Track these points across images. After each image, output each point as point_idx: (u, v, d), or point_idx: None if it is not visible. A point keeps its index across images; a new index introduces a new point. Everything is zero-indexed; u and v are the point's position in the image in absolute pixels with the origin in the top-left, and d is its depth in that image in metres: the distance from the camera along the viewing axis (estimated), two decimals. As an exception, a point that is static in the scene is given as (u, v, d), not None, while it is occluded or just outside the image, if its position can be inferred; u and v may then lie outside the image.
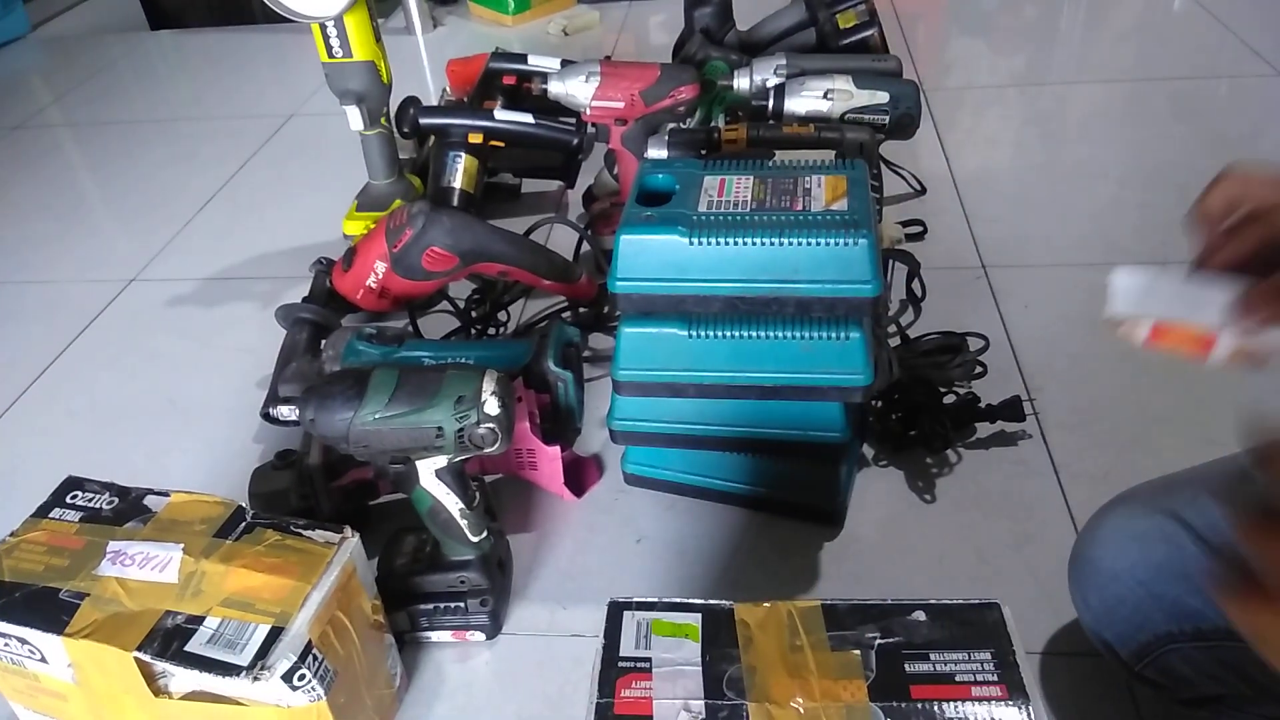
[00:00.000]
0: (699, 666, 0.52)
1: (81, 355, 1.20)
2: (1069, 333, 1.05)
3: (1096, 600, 0.63)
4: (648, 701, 0.51)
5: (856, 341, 0.73)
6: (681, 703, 0.51)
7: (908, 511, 0.87)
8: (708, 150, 1.04)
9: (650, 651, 0.53)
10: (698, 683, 0.52)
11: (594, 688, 0.52)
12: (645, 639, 0.54)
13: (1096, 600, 0.63)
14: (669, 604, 0.56)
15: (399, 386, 0.66)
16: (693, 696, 0.51)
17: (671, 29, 1.70)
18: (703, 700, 0.51)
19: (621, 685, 0.52)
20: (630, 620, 0.55)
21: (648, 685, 0.52)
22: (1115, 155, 1.40)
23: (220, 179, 1.58)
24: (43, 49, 2.37)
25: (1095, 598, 0.63)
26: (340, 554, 0.65)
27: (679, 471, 0.89)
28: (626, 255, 0.73)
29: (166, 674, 0.61)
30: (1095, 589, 0.63)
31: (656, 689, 0.52)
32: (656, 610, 0.56)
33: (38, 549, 0.66)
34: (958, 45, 1.91)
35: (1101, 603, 0.62)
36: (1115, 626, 0.62)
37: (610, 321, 1.07)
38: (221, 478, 0.95)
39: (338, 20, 1.17)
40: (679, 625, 0.55)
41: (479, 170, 1.26)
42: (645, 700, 0.51)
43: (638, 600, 0.56)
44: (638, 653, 0.53)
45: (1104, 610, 0.62)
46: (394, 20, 2.14)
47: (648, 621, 0.55)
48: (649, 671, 0.52)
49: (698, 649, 0.53)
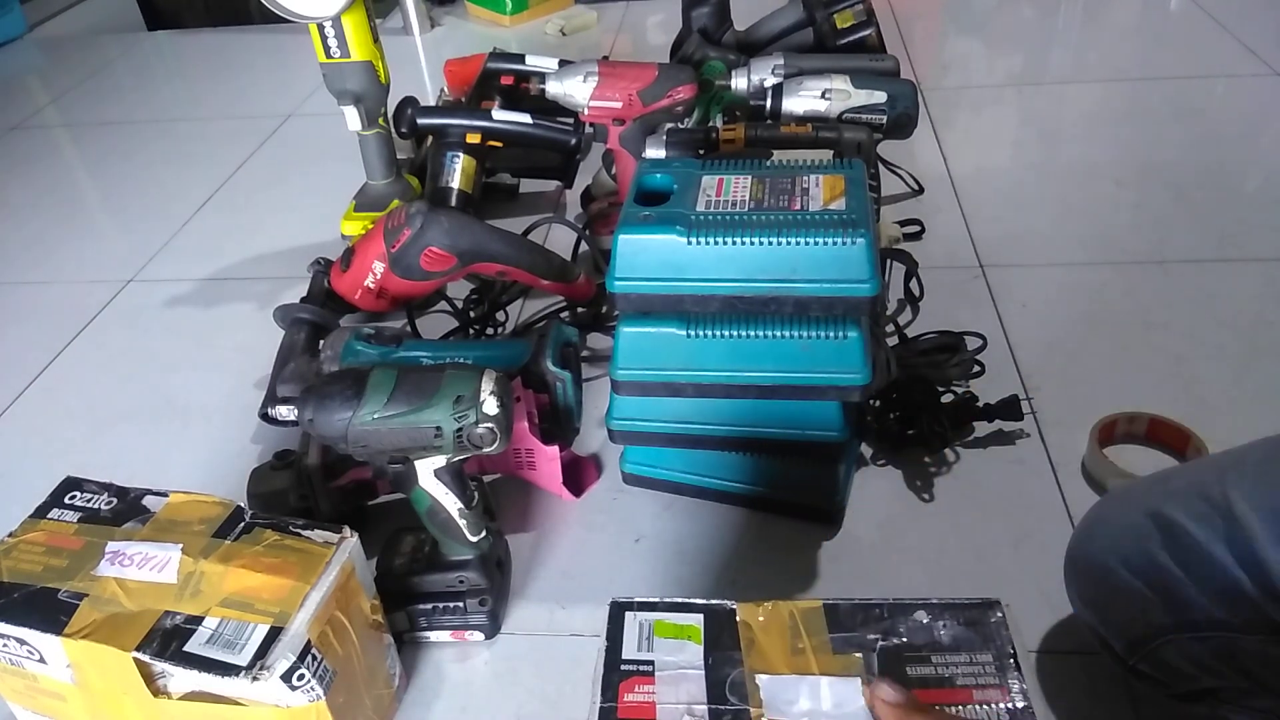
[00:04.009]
0: (702, 670, 0.52)
1: (79, 356, 1.20)
2: (1067, 332, 1.05)
3: (1092, 593, 0.63)
4: (651, 706, 0.51)
5: (854, 341, 0.73)
6: (685, 707, 0.51)
7: (906, 511, 0.87)
8: (706, 150, 1.04)
9: (653, 654, 0.53)
10: (700, 687, 0.51)
11: (596, 690, 0.52)
12: (647, 641, 0.54)
13: (1092, 593, 0.63)
14: (671, 604, 0.56)
15: (397, 386, 0.66)
16: (696, 701, 0.51)
17: (669, 29, 1.71)
18: (706, 706, 0.51)
19: (624, 689, 0.52)
20: (632, 621, 0.55)
21: (651, 689, 0.52)
22: (1113, 154, 1.40)
23: (218, 179, 1.58)
24: (40, 49, 2.37)
25: (1090, 591, 0.63)
26: (339, 554, 0.65)
27: (677, 471, 0.89)
28: (625, 255, 0.73)
29: (165, 674, 0.61)
30: (1090, 582, 0.63)
31: (659, 693, 0.51)
32: (658, 611, 0.56)
33: (36, 549, 0.66)
34: (955, 45, 1.91)
35: (1096, 596, 0.63)
36: (1110, 620, 0.62)
37: (608, 321, 1.07)
38: (220, 478, 0.95)
39: (335, 20, 1.17)
40: (681, 627, 0.55)
41: (477, 170, 1.26)
42: (649, 705, 0.51)
43: (639, 600, 0.56)
44: (640, 655, 0.53)
45: (1099, 605, 0.63)
46: (392, 20, 2.14)
47: (650, 623, 0.55)
48: (651, 675, 0.52)
49: (700, 651, 0.53)
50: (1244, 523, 0.54)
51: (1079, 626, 0.67)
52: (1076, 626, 0.68)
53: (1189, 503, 0.57)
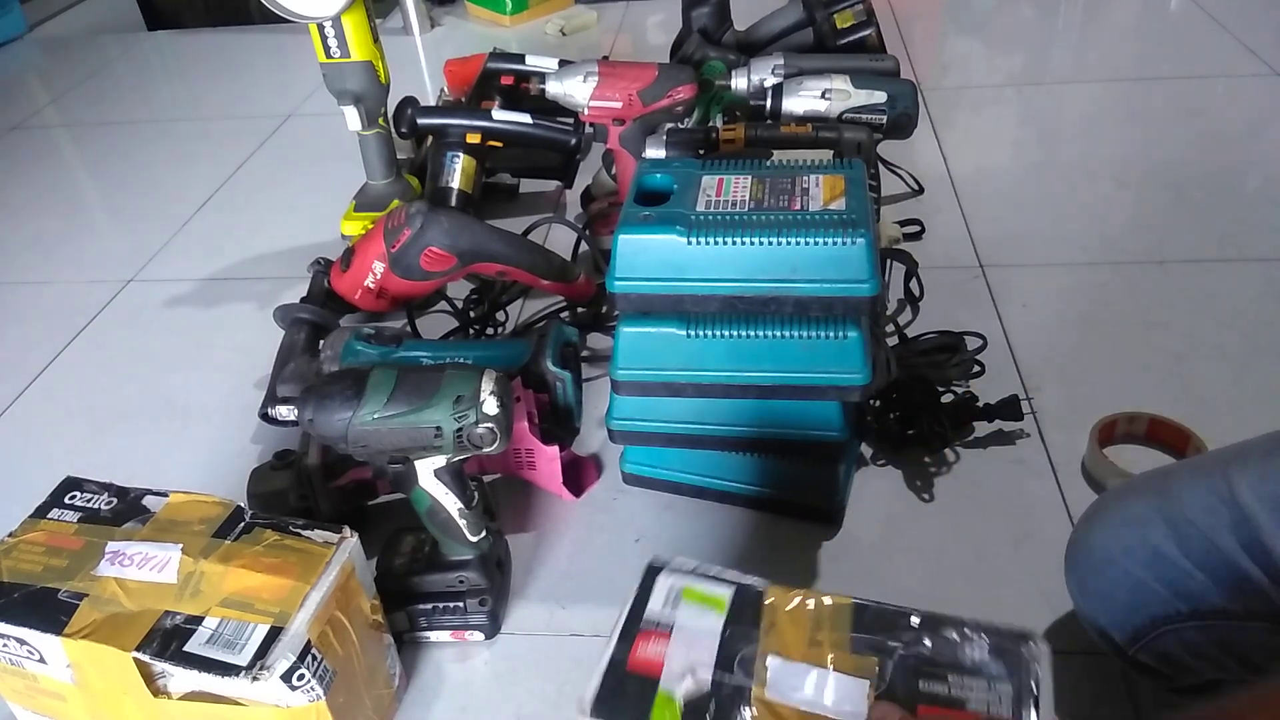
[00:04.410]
0: (717, 639, 0.53)
1: (79, 356, 1.20)
2: (1067, 331, 1.05)
3: (1093, 584, 0.63)
4: (659, 662, 0.52)
5: (854, 341, 0.73)
6: (690, 669, 0.51)
7: (906, 510, 0.87)
8: (706, 150, 1.04)
9: (675, 615, 0.54)
10: (711, 655, 0.52)
11: (612, 639, 0.53)
12: (674, 602, 0.55)
13: (1093, 584, 0.63)
14: (706, 573, 0.57)
15: (397, 386, 0.66)
16: (702, 665, 0.51)
17: (669, 29, 1.70)
18: (711, 671, 0.51)
19: (640, 641, 0.53)
20: (664, 582, 0.56)
21: (664, 647, 0.53)
22: (1112, 154, 1.40)
23: (218, 179, 1.58)
24: (40, 49, 2.37)
25: (1091, 582, 0.63)
26: (339, 554, 0.65)
27: (677, 471, 0.89)
28: (625, 255, 0.74)
29: (165, 674, 0.61)
30: (1092, 573, 0.63)
31: (671, 652, 0.52)
32: (692, 576, 0.56)
33: (36, 549, 0.66)
34: (955, 45, 1.91)
35: (1097, 587, 0.63)
36: (1111, 610, 0.62)
37: (608, 321, 1.07)
38: (220, 478, 0.95)
39: (335, 20, 1.17)
40: (709, 596, 0.55)
41: (477, 170, 1.26)
42: (657, 661, 0.52)
43: (676, 564, 0.57)
44: (662, 614, 0.54)
45: (1100, 594, 0.63)
46: (392, 20, 2.14)
47: (680, 587, 0.56)
48: (669, 634, 0.53)
49: (721, 622, 0.54)
50: (1250, 512, 0.54)
51: (1079, 626, 0.67)
52: (1077, 626, 0.68)
53: (1195, 493, 0.58)
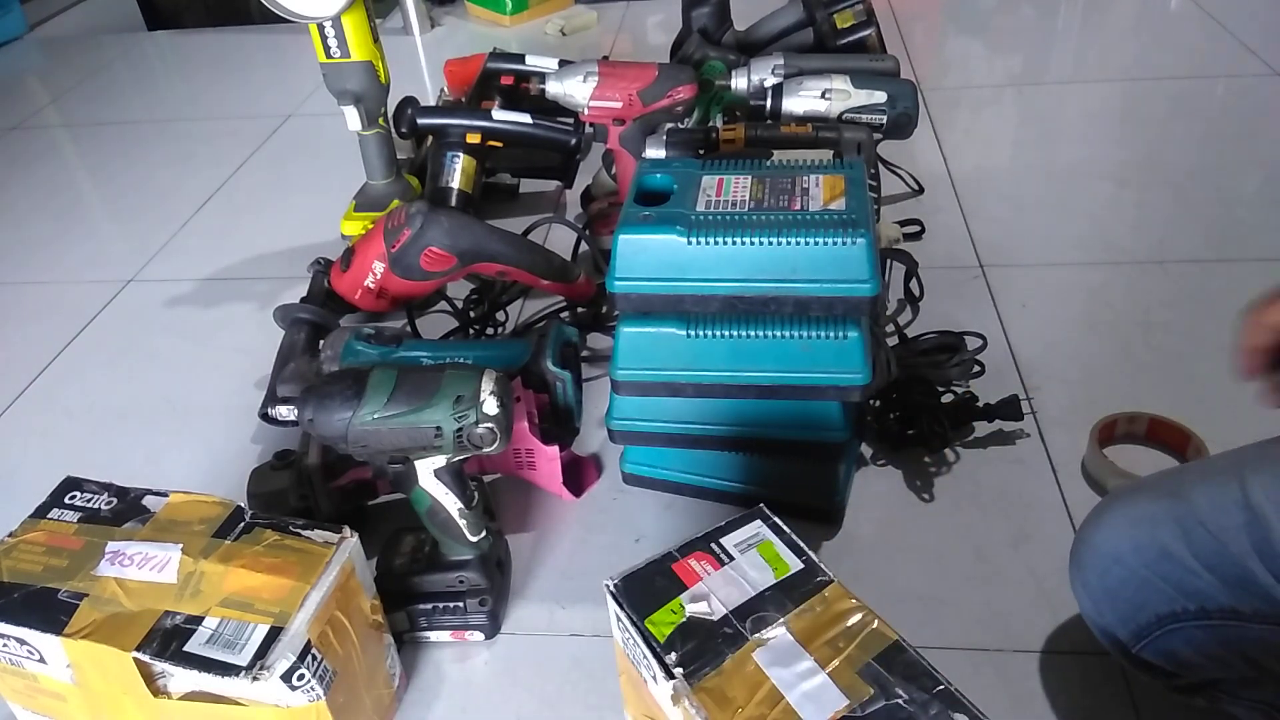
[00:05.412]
0: (754, 593, 0.56)
1: (80, 356, 1.20)
2: (1067, 332, 1.05)
3: (1098, 583, 0.63)
4: (697, 578, 0.57)
5: (854, 341, 0.73)
6: (713, 597, 0.55)
7: (906, 510, 0.87)
8: (706, 150, 1.04)
9: (738, 556, 0.58)
10: (740, 601, 0.55)
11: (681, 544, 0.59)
12: (748, 546, 0.59)
13: (1098, 583, 0.63)
14: (792, 540, 0.59)
15: (397, 386, 0.66)
16: (726, 603, 0.55)
17: (669, 29, 1.70)
18: (725, 610, 0.54)
19: (696, 557, 0.58)
20: (752, 527, 0.60)
21: (712, 570, 0.57)
22: (1112, 154, 1.40)
23: (218, 179, 1.58)
24: (40, 49, 2.37)
25: (1096, 581, 0.63)
26: (339, 554, 0.65)
27: (677, 471, 0.89)
28: (625, 255, 0.74)
29: (165, 674, 0.61)
30: (1097, 572, 0.63)
31: (710, 578, 0.57)
32: (778, 537, 0.60)
33: (36, 549, 0.66)
34: (955, 45, 1.91)
35: (1102, 585, 0.63)
36: (1116, 608, 0.62)
37: (609, 321, 1.07)
38: (220, 478, 0.95)
39: (335, 20, 1.17)
40: (779, 558, 0.58)
41: (477, 170, 1.26)
42: (696, 576, 0.57)
43: (773, 521, 0.61)
44: (732, 550, 0.59)
45: (1105, 593, 0.63)
46: (392, 20, 2.14)
47: (761, 539, 0.59)
48: (723, 565, 0.58)
49: (771, 583, 0.56)
50: (1262, 514, 0.54)
51: (1079, 626, 0.67)
52: (1077, 626, 0.68)
53: (1207, 494, 0.58)
